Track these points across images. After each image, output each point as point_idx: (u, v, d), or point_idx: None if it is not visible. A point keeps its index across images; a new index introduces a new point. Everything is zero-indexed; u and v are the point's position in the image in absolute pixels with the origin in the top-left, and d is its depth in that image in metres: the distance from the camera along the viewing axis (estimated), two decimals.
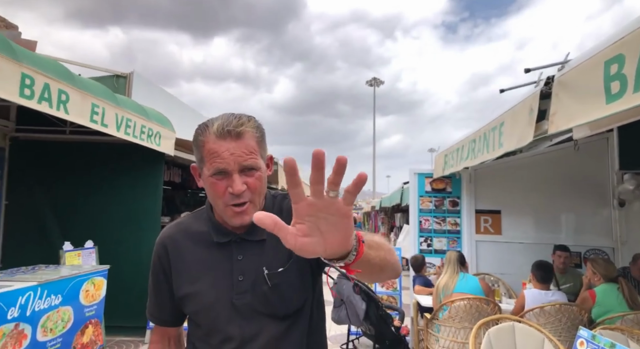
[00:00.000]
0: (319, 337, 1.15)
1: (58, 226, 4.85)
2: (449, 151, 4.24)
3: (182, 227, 1.15)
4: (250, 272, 1.04)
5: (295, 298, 1.05)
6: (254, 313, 1.02)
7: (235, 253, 1.06)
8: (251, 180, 1.00)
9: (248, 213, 1.01)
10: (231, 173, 0.98)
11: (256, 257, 1.05)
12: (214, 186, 1.00)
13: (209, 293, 1.04)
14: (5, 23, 4.92)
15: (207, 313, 1.05)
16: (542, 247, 4.36)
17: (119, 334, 4.76)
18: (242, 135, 0.99)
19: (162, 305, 1.15)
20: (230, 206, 1.00)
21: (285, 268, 1.03)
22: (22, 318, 2.75)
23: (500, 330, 2.50)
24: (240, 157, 0.98)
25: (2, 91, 2.52)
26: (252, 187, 1.00)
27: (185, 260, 1.09)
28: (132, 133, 4.00)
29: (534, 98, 2.23)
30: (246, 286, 1.03)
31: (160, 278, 1.13)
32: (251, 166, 1.00)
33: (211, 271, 1.06)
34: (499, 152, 2.84)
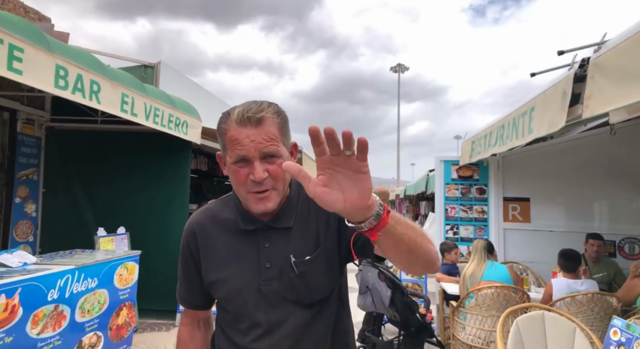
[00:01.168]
0: (345, 326, 1.16)
1: (92, 213, 5.04)
2: (476, 138, 4.15)
3: (210, 213, 1.16)
4: (277, 259, 1.04)
5: (322, 287, 1.05)
6: (280, 300, 1.03)
7: (262, 241, 1.07)
8: (272, 167, 0.99)
9: (270, 200, 1.01)
10: (252, 160, 0.98)
11: (283, 245, 1.05)
12: (236, 174, 1.01)
13: (237, 279, 1.06)
14: (39, 15, 5.06)
15: (235, 299, 1.06)
16: (573, 236, 4.25)
17: (151, 317, 4.94)
18: (262, 121, 0.98)
19: (192, 289, 1.17)
20: (252, 193, 1.00)
21: (312, 256, 1.04)
22: (61, 299, 2.88)
23: (529, 319, 2.47)
24: (260, 143, 0.97)
25: (39, 82, 2.60)
26: (273, 174, 0.99)
27: (213, 246, 1.10)
28: (160, 123, 4.08)
29: (567, 81, 2.15)
30: (273, 273, 1.04)
31: (189, 263, 1.15)
32: (272, 153, 0.99)
33: (239, 258, 1.07)
34: (528, 138, 2.77)
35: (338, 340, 1.11)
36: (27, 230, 4.83)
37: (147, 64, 5.25)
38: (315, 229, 1.07)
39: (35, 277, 2.67)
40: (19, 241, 4.71)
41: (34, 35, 2.59)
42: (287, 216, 1.08)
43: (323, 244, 1.05)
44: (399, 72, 31.55)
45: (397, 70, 31.66)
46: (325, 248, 1.05)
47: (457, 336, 3.33)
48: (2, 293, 2.42)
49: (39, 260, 3.14)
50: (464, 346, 3.24)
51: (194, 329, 1.23)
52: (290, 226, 1.07)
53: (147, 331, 4.64)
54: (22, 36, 2.47)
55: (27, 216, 4.83)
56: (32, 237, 4.90)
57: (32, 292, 2.63)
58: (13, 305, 2.49)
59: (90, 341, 3.20)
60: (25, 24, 2.63)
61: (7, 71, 2.36)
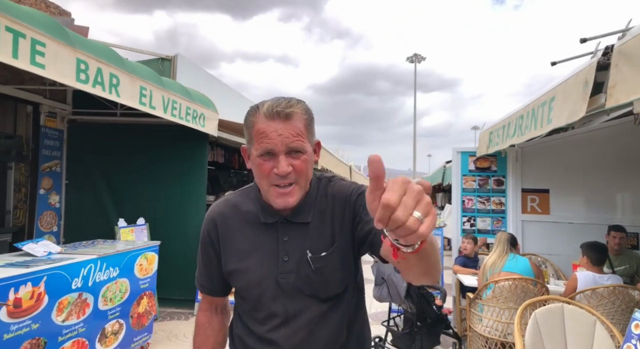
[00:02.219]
0: (361, 318, 1.17)
1: (112, 204, 5.15)
2: (494, 128, 4.09)
3: (231, 204, 1.18)
4: (295, 253, 1.07)
5: (337, 283, 1.07)
6: (297, 293, 1.06)
7: (280, 234, 1.09)
8: (297, 162, 1.01)
9: (293, 195, 1.02)
10: (278, 154, 1.00)
11: (300, 239, 1.07)
12: (260, 167, 1.02)
13: (256, 271, 1.08)
14: (59, 10, 5.15)
15: (253, 290, 1.09)
16: (594, 228, 4.17)
17: (170, 306, 5.05)
18: (290, 116, 1.00)
19: (211, 277, 1.20)
20: (274, 186, 1.02)
21: (328, 252, 1.06)
22: (84, 288, 2.97)
23: (548, 311, 2.45)
24: (287, 138, 0.99)
25: (61, 76, 2.66)
26: (297, 169, 1.01)
27: (234, 237, 1.13)
28: (178, 115, 4.13)
29: (589, 69, 2.10)
30: (290, 267, 1.06)
31: (209, 252, 1.18)
32: (298, 148, 1.01)
33: (258, 250, 1.09)
34: (547, 128, 2.72)
35: (353, 332, 1.13)
36: (51, 221, 4.97)
37: (165, 57, 5.30)
38: (331, 226, 1.09)
39: (60, 266, 2.76)
40: (44, 231, 4.86)
41: (55, 29, 2.64)
42: (305, 212, 1.09)
43: (338, 240, 1.07)
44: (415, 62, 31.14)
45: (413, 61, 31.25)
46: (340, 244, 1.07)
47: (474, 328, 3.32)
48: (28, 282, 2.50)
49: (63, 250, 3.24)
50: (481, 338, 3.23)
51: (211, 315, 1.25)
52: (309, 221, 1.09)
53: (167, 320, 4.75)
54: (44, 31, 2.52)
55: (51, 207, 4.97)
56: (57, 227, 5.04)
57: (57, 280, 2.72)
58: (39, 293, 2.58)
59: (112, 329, 3.30)
60: (47, 18, 2.68)
61: (30, 65, 2.42)
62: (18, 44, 2.33)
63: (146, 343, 3.80)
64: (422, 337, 3.64)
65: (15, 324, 2.41)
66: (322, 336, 1.06)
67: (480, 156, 4.69)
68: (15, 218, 4.74)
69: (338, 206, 1.10)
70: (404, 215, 0.57)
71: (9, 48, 2.28)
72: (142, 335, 3.71)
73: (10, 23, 2.28)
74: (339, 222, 1.09)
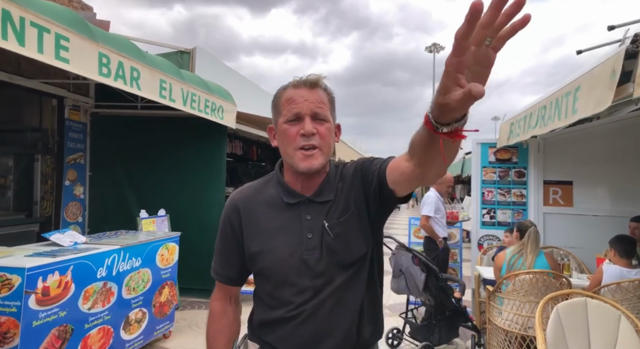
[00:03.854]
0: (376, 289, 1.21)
1: (134, 195, 5.26)
2: (515, 119, 4.01)
3: (252, 190, 1.23)
4: (317, 230, 1.11)
5: (357, 245, 1.12)
6: (322, 266, 1.10)
7: (303, 213, 1.13)
8: (321, 128, 1.09)
9: (316, 159, 1.08)
10: (304, 117, 1.08)
11: (322, 216, 1.13)
12: (287, 132, 1.09)
13: (282, 249, 1.12)
14: (81, 4, 5.23)
15: (279, 268, 1.12)
16: (619, 220, 4.06)
17: (191, 295, 5.15)
18: (315, 85, 1.10)
19: (229, 263, 1.23)
20: (299, 150, 1.08)
21: (344, 217, 1.12)
22: (109, 277, 3.05)
23: (571, 305, 2.40)
24: (312, 103, 1.08)
25: (85, 70, 2.72)
26: (321, 134, 1.08)
27: (258, 219, 1.16)
28: (197, 108, 4.17)
29: (617, 58, 2.03)
30: (314, 243, 1.11)
31: (228, 238, 1.21)
32: (322, 115, 1.09)
33: (282, 229, 1.13)
34: (572, 119, 2.65)
35: (373, 300, 1.18)
36: (76, 211, 5.11)
37: (184, 50, 5.34)
38: (345, 197, 1.15)
39: (85, 256, 2.84)
40: (70, 221, 5.00)
41: (78, 24, 2.69)
42: (327, 191, 1.16)
43: (353, 207, 1.14)
44: (434, 51, 30.66)
45: (432, 50, 30.77)
46: (355, 210, 1.13)
47: (494, 321, 3.29)
48: (56, 271, 2.59)
49: (88, 240, 3.33)
50: (501, 331, 3.20)
51: (225, 304, 1.28)
52: (330, 199, 1.15)
53: (188, 309, 4.85)
54: (67, 25, 2.57)
55: (76, 198, 5.10)
56: (81, 218, 5.18)
57: (83, 270, 2.80)
58: (66, 282, 2.66)
59: (136, 317, 3.39)
60: (70, 13, 2.73)
61: (54, 60, 2.48)
62: (43, 39, 2.39)
63: (168, 331, 3.90)
64: (441, 329, 3.64)
65: (43, 312, 2.50)
66: (348, 302, 1.11)
67: (501, 147, 4.61)
68: (42, 209, 4.89)
69: (349, 178, 1.17)
70: None
71: (34, 43, 2.33)
72: (165, 323, 3.80)
73: (35, 18, 2.33)
74: (352, 190, 1.15)
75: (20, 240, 3.98)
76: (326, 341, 1.09)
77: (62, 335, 2.65)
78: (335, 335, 1.09)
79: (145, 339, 3.52)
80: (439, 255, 4.52)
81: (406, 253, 3.71)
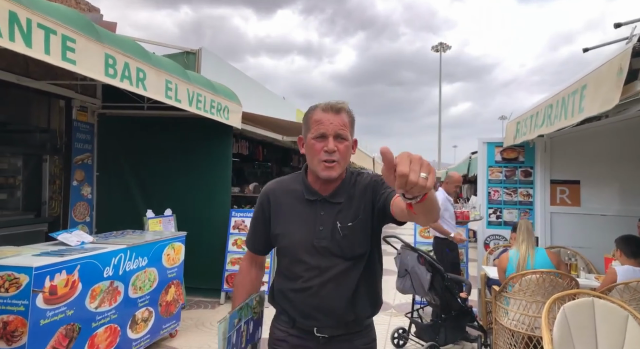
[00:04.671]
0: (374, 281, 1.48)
1: (141, 195, 5.30)
2: (521, 118, 3.98)
3: (282, 185, 1.52)
4: (328, 225, 1.39)
5: (359, 246, 1.40)
6: (328, 253, 1.38)
7: (319, 210, 1.42)
8: (341, 146, 1.36)
9: (335, 170, 1.36)
10: (328, 136, 1.35)
11: (333, 214, 1.40)
12: (313, 147, 1.37)
13: (298, 234, 1.41)
14: (89, 6, 5.28)
15: (294, 248, 1.42)
16: (628, 220, 4.02)
17: (197, 295, 5.17)
18: (340, 111, 1.37)
19: (257, 238, 1.55)
20: (323, 162, 1.36)
21: (353, 223, 1.39)
22: (115, 276, 3.08)
23: (578, 305, 2.38)
24: (336, 126, 1.35)
25: (91, 71, 2.74)
26: (341, 151, 1.36)
27: (282, 208, 1.47)
28: (202, 108, 4.19)
29: (624, 56, 2.01)
30: (325, 234, 1.39)
31: (260, 218, 1.51)
32: (343, 135, 1.36)
33: (300, 219, 1.42)
34: (579, 118, 2.63)
35: (368, 286, 1.44)
36: (84, 211, 5.15)
37: (189, 51, 5.37)
38: (357, 205, 1.42)
39: (92, 255, 2.87)
40: (78, 221, 5.04)
41: (84, 25, 2.71)
42: (340, 195, 1.43)
43: (362, 215, 1.41)
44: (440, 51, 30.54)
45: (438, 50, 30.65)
46: (362, 218, 1.40)
47: (500, 321, 3.27)
48: (63, 270, 2.61)
49: (94, 240, 3.36)
50: (507, 331, 3.18)
51: (251, 265, 1.60)
52: (341, 202, 1.42)
53: (194, 308, 4.87)
54: (74, 27, 2.59)
55: (84, 198, 5.15)
56: (89, 218, 5.22)
57: (89, 269, 2.83)
58: (73, 281, 2.69)
59: (142, 316, 3.41)
60: (77, 15, 2.75)
61: (61, 61, 2.50)
62: (50, 41, 2.41)
63: (174, 330, 3.92)
64: (446, 329, 3.62)
65: (51, 311, 2.53)
66: (345, 285, 1.38)
67: (507, 147, 4.58)
68: (50, 209, 4.94)
69: (362, 189, 1.44)
70: (415, 177, 0.83)
71: (41, 44, 2.36)
72: (171, 323, 3.82)
73: (42, 20, 2.35)
74: (363, 201, 1.42)
75: (29, 239, 4.02)
76: (324, 314, 1.39)
77: (69, 334, 2.67)
78: (332, 310, 1.38)
79: (152, 338, 3.54)
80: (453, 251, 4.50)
81: (412, 253, 3.70)
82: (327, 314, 1.39)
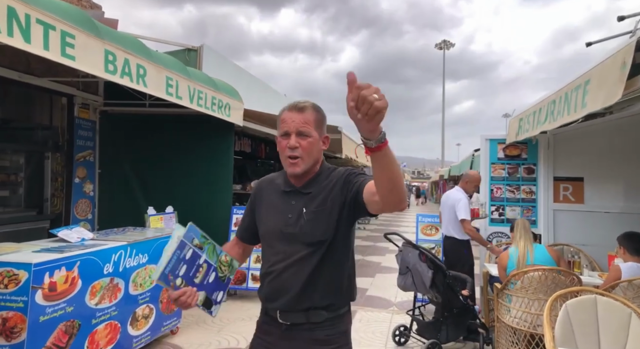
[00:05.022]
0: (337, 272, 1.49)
1: (142, 192, 5.30)
2: (524, 114, 3.95)
3: (269, 179, 1.66)
4: (296, 212, 1.48)
5: (320, 232, 1.45)
6: (293, 239, 1.46)
7: (291, 199, 1.51)
8: (303, 142, 1.44)
9: (298, 166, 1.45)
10: (290, 134, 1.45)
11: (303, 203, 1.49)
12: (280, 144, 1.48)
13: (271, 222, 1.53)
14: (90, 3, 5.27)
15: (268, 235, 1.54)
16: (632, 217, 3.99)
17: None
18: (303, 109, 1.47)
19: (244, 227, 1.68)
20: (288, 158, 1.45)
21: (316, 209, 1.46)
22: (116, 273, 3.07)
23: (580, 303, 2.36)
24: (297, 124, 1.44)
25: (91, 67, 2.73)
26: (303, 147, 1.44)
27: (264, 199, 1.60)
28: (204, 105, 4.18)
29: (627, 50, 1.98)
30: (292, 221, 1.48)
31: (247, 211, 1.67)
32: (304, 132, 1.44)
33: (276, 209, 1.53)
34: (581, 113, 2.60)
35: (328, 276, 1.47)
36: (86, 208, 5.16)
37: (191, 48, 5.36)
38: (325, 195, 1.49)
39: (92, 252, 2.87)
40: (80, 218, 5.05)
41: (83, 21, 2.70)
42: (311, 186, 1.52)
43: (329, 204, 1.47)
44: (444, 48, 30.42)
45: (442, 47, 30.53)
46: (329, 207, 1.46)
47: (502, 319, 3.25)
48: (62, 266, 2.61)
49: (95, 236, 3.36)
50: (509, 329, 3.16)
51: (234, 246, 1.71)
52: (310, 192, 1.50)
53: None
54: (73, 23, 2.58)
55: (86, 195, 5.15)
56: (91, 215, 5.23)
57: (89, 266, 2.83)
58: (73, 277, 2.69)
59: (143, 313, 3.41)
60: (76, 10, 2.74)
61: (60, 57, 2.49)
62: (49, 36, 2.40)
63: (176, 327, 3.92)
64: (448, 327, 3.60)
65: (50, 307, 2.53)
66: (303, 272, 1.45)
67: (510, 143, 4.55)
68: (53, 206, 4.95)
69: (334, 181, 1.51)
70: (368, 92, 0.96)
71: (40, 40, 2.35)
72: (172, 320, 3.82)
73: (41, 15, 2.34)
74: (332, 191, 1.48)
75: (31, 236, 4.03)
76: (283, 296, 1.47)
77: (69, 330, 2.68)
78: (289, 294, 1.46)
79: (153, 335, 3.54)
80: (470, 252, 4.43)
81: (413, 250, 3.68)
82: (285, 296, 1.46)
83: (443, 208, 4.64)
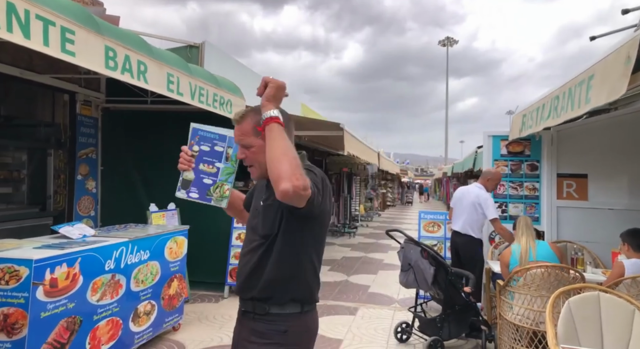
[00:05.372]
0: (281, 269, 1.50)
1: (144, 189, 5.30)
2: (527, 111, 3.91)
3: None
4: (258, 205, 1.60)
5: (267, 226, 1.52)
6: (253, 229, 1.59)
7: (262, 193, 1.62)
8: (248, 152, 1.54)
9: (253, 173, 1.58)
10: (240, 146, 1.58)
11: (263, 197, 1.59)
12: None
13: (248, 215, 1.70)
14: (92, 0, 5.27)
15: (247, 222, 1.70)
16: (636, 214, 3.96)
17: (201, 288, 5.18)
18: (238, 122, 1.55)
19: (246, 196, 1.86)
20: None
21: (264, 204, 1.56)
22: (117, 269, 3.08)
23: (583, 300, 2.34)
24: (237, 137, 1.57)
25: (91, 63, 2.72)
26: (249, 157, 1.55)
27: (253, 194, 1.76)
28: (205, 101, 4.17)
29: (632, 44, 1.95)
30: (255, 214, 1.62)
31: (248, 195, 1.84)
32: (244, 144, 1.54)
33: (255, 199, 1.69)
34: (585, 109, 2.56)
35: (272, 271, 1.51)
36: (88, 205, 5.17)
37: (192, 44, 5.35)
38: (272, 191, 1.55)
39: (93, 248, 2.87)
40: (82, 215, 5.06)
41: (83, 17, 2.69)
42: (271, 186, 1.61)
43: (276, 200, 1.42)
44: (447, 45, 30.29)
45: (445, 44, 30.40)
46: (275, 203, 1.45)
47: (505, 316, 3.23)
48: (63, 263, 2.61)
49: (96, 233, 3.36)
50: (511, 326, 3.14)
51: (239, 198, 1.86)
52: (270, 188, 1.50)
53: (198, 302, 4.88)
54: (73, 19, 2.57)
55: (88, 192, 5.16)
56: (94, 212, 5.24)
57: (90, 262, 2.83)
58: (74, 274, 2.69)
59: (145, 309, 3.42)
60: (76, 6, 2.73)
61: (60, 53, 2.48)
62: (48, 32, 2.39)
63: (177, 323, 3.93)
64: (450, 324, 3.59)
65: (51, 303, 2.53)
66: (251, 261, 1.54)
67: (513, 140, 4.52)
68: (55, 203, 4.95)
69: None
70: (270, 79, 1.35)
71: (40, 36, 2.34)
72: (174, 316, 3.83)
73: (40, 11, 2.33)
74: None
75: (34, 233, 4.03)
76: (238, 281, 1.61)
77: (70, 326, 2.68)
78: (240, 280, 1.59)
79: (155, 331, 3.55)
80: None
81: (415, 247, 3.67)
82: (238, 282, 1.61)
83: (458, 205, 4.45)
